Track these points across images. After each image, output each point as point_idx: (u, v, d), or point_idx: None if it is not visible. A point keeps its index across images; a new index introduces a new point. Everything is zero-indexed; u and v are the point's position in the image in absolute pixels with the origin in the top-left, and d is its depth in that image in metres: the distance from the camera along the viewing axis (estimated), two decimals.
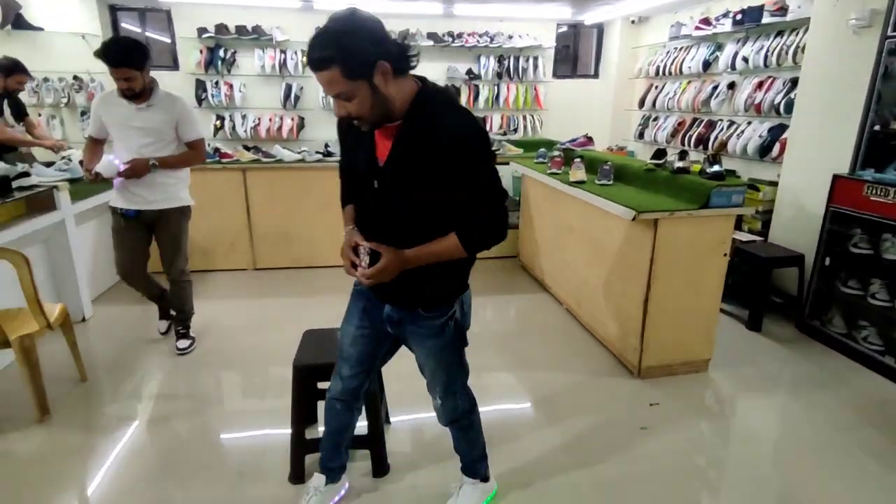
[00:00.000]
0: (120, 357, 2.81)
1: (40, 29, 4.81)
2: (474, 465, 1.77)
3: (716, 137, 4.36)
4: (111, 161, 2.48)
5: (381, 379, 2.04)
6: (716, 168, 2.64)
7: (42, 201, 2.97)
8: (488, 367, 2.79)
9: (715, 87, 4.46)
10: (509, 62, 5.82)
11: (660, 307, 2.56)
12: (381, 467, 1.93)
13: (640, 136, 5.57)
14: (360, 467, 1.97)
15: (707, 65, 4.58)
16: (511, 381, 2.67)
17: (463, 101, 5.80)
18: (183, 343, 2.89)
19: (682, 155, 2.91)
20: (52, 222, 2.99)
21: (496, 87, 5.89)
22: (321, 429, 2.16)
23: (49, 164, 3.37)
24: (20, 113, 3.82)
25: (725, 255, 2.56)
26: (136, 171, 2.49)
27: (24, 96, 4.15)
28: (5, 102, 3.60)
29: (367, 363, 1.58)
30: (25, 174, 2.91)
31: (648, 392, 2.55)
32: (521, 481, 1.95)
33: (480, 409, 2.40)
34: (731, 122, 4.30)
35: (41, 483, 1.93)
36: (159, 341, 3.00)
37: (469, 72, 5.75)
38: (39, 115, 5.01)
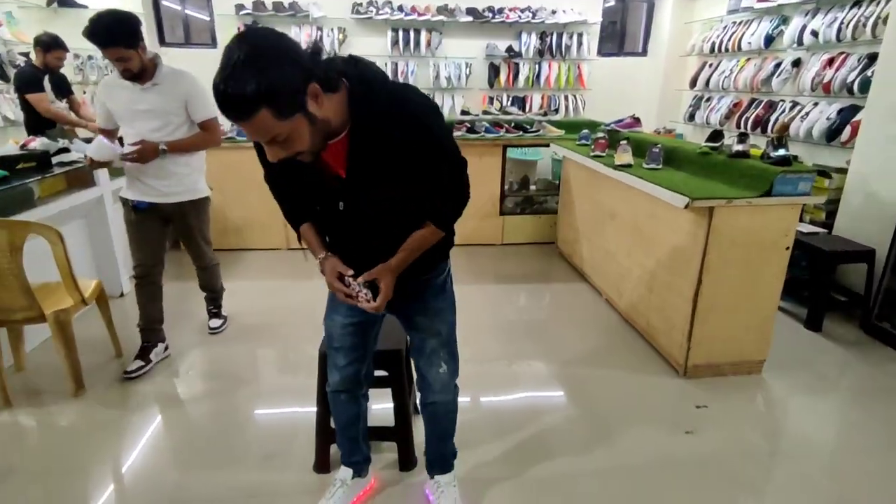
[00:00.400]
0: None
1: (84, 7, 4.87)
2: (452, 451, 1.70)
3: (776, 120, 4.03)
4: (102, 143, 2.23)
5: (409, 371, 1.96)
6: (781, 152, 2.39)
7: (81, 177, 3.00)
8: (519, 356, 2.67)
9: (778, 65, 4.11)
10: (552, 39, 5.54)
11: (711, 302, 2.37)
12: (407, 460, 1.86)
13: (691, 117, 5.24)
14: (387, 459, 1.91)
15: (770, 40, 4.22)
16: (543, 371, 2.54)
17: (502, 79, 5.59)
18: (215, 322, 2.87)
19: (742, 137, 2.66)
20: (90, 198, 3.03)
21: (537, 66, 5.64)
22: None
23: (89, 141, 3.40)
24: (62, 90, 3.87)
25: (788, 248, 2.34)
26: (144, 155, 2.22)
27: (69, 74, 4.22)
28: (46, 78, 3.65)
29: (360, 349, 1.51)
30: (65, 150, 2.93)
31: (694, 393, 2.38)
32: (550, 476, 1.85)
33: (509, 396, 2.30)
34: (795, 103, 3.96)
35: (76, 455, 1.95)
36: (194, 318, 3.00)
37: (509, 49, 5.52)
38: (84, 92, 5.11)
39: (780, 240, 2.33)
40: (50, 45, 3.57)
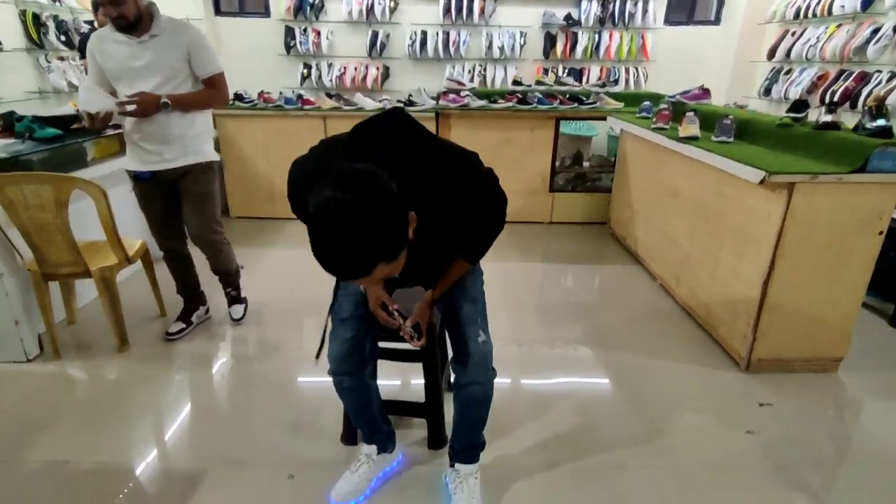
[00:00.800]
0: None
1: None
2: (480, 442, 1.56)
3: (869, 93, 3.58)
4: (90, 89, 1.98)
5: (444, 346, 1.85)
6: (880, 122, 2.08)
7: None
8: (564, 339, 2.51)
9: (876, 30, 3.64)
10: (614, 6, 5.17)
11: (784, 291, 2.12)
12: (437, 438, 1.76)
13: (767, 92, 4.78)
14: (416, 436, 1.83)
15: (869, 2, 3.73)
16: (589, 357, 2.38)
17: (558, 50, 5.30)
18: (237, 311, 2.59)
19: (831, 107, 2.34)
20: None
21: (597, 35, 5.29)
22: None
23: None
24: None
25: (881, 233, 2.05)
26: (144, 106, 2.00)
27: None
28: None
29: (367, 321, 1.42)
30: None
31: (758, 389, 2.16)
32: (588, 469, 1.71)
33: (550, 381, 2.15)
34: (894, 74, 3.50)
35: (118, 407, 2.00)
36: None
37: (567, 17, 5.20)
38: None
39: (872, 223, 2.04)
40: (99, 3, 3.61)
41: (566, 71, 5.36)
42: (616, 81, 5.31)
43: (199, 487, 1.62)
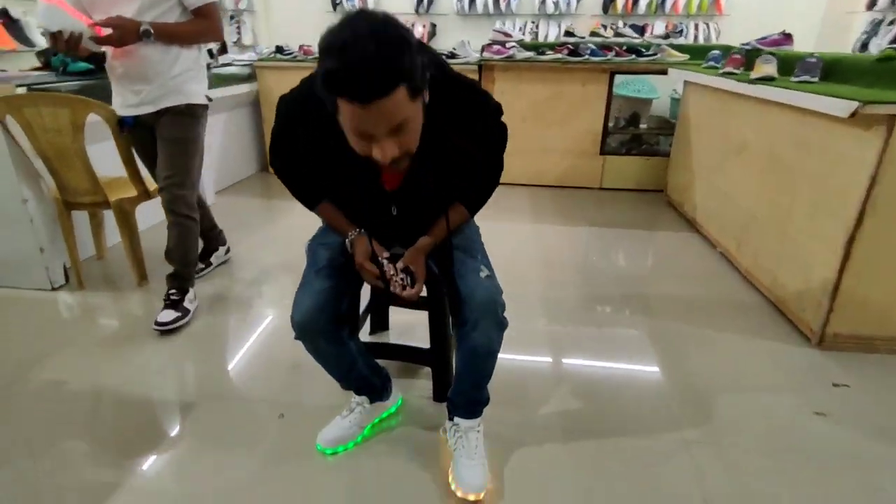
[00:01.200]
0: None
1: None
2: (484, 397, 1.36)
3: None
4: (52, 7, 1.65)
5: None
6: None
7: None
8: (612, 317, 2.22)
9: None
10: None
11: (872, 254, 1.77)
12: (444, 390, 1.58)
13: (863, 47, 4.17)
14: (421, 387, 1.66)
15: None
16: (634, 328, 2.10)
17: (619, 4, 4.87)
18: (167, 315, 1.98)
19: None
20: None
21: None
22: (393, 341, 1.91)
23: None
24: None
25: None
26: (121, 31, 1.71)
27: None
28: None
29: (346, 270, 1.25)
30: None
31: (831, 368, 1.83)
32: (620, 439, 1.49)
33: (588, 354, 1.93)
34: None
35: (127, 338, 1.97)
36: (262, 233, 2.96)
37: None
38: None
39: None
40: None
41: (626, 27, 4.93)
42: (681, 33, 4.82)
43: (188, 417, 1.55)
